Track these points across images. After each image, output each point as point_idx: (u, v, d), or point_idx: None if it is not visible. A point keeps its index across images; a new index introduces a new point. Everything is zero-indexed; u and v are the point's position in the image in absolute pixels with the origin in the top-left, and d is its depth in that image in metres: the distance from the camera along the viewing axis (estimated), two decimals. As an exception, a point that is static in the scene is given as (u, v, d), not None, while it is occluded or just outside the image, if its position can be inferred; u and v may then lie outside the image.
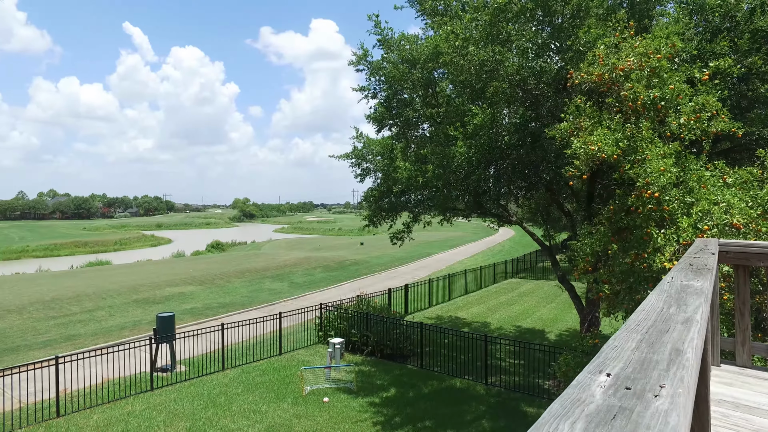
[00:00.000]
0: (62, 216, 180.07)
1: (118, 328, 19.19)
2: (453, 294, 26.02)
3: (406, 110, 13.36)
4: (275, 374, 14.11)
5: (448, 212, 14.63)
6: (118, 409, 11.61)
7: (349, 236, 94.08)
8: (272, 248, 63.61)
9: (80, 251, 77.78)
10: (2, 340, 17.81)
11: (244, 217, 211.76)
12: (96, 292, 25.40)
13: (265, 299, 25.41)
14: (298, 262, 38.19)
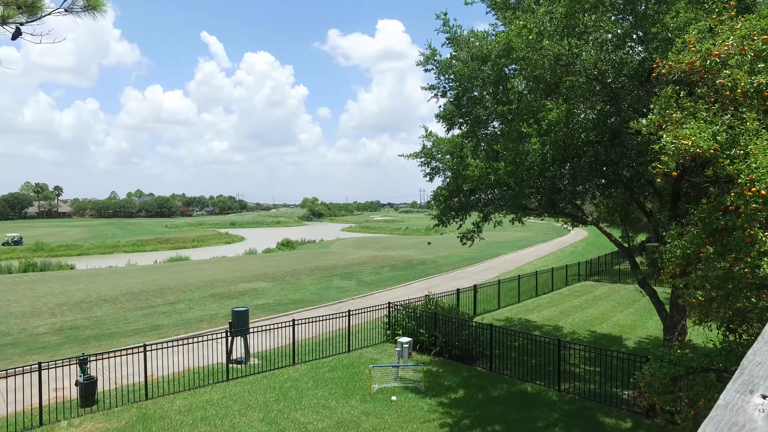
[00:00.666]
0: (147, 214, 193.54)
1: (196, 321, 20.29)
2: (523, 296, 25.28)
3: (476, 108, 13.08)
4: (344, 371, 14.31)
5: (519, 211, 14.18)
6: (198, 397, 12.25)
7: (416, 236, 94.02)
8: (340, 247, 64.85)
9: (162, 247, 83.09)
10: (100, 326, 19.38)
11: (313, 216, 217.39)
12: (177, 285, 27.04)
13: (334, 297, 25.91)
14: (365, 261, 38.66)
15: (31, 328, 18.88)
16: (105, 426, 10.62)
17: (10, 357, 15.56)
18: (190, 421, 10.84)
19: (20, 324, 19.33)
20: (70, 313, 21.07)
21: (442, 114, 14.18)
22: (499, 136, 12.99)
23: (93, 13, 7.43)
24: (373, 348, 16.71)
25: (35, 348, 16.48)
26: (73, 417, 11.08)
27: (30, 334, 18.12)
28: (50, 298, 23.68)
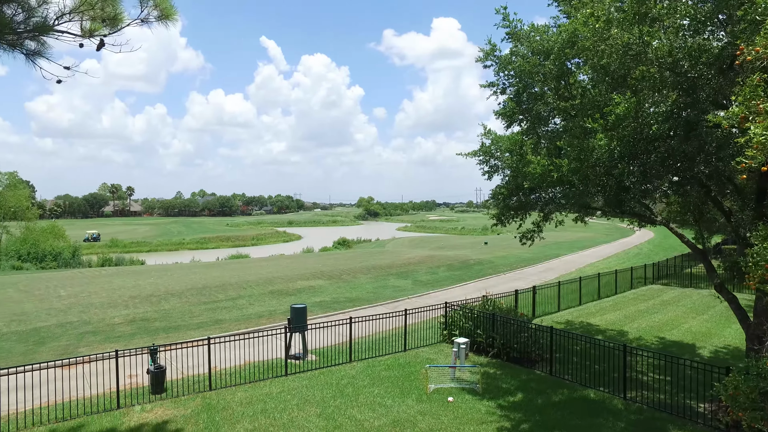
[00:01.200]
0: (210, 213, 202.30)
1: (256, 316, 20.91)
2: (584, 299, 24.29)
3: (537, 104, 12.65)
4: (400, 370, 14.28)
5: (582, 210, 13.60)
6: (258, 390, 12.60)
7: (472, 235, 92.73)
8: (396, 246, 65.00)
9: (224, 245, 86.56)
10: (168, 318, 20.38)
11: (369, 216, 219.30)
12: (238, 282, 28.00)
13: (390, 296, 25.96)
14: (421, 260, 38.51)
15: (108, 318, 20.14)
16: (173, 413, 11.13)
17: (91, 344, 16.67)
18: (250, 413, 11.16)
19: (99, 314, 20.67)
20: (141, 306, 22.31)
21: (502, 111, 13.83)
22: (562, 132, 12.49)
23: (165, 22, 7.80)
24: (429, 348, 16.57)
25: (112, 337, 17.56)
26: (145, 402, 11.69)
27: (107, 323, 19.34)
28: (124, 291, 25.18)
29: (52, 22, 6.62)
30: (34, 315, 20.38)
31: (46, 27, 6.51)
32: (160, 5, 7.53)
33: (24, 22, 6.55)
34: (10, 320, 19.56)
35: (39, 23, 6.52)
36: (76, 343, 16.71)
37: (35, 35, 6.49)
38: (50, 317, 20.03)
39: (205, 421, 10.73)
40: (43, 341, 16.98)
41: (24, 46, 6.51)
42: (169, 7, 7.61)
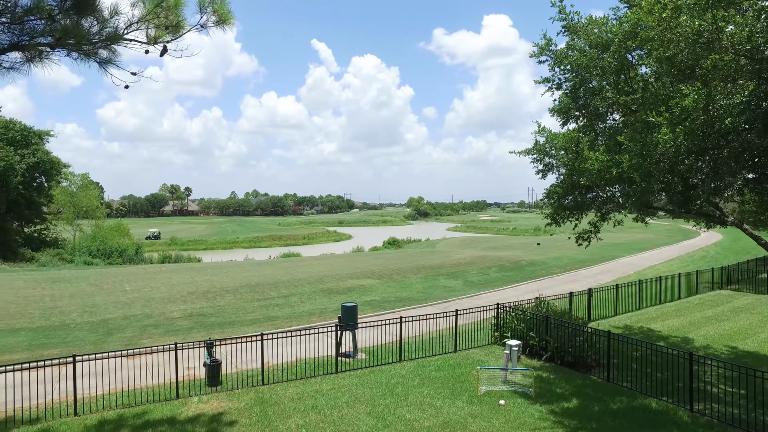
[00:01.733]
0: (262, 213, 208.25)
1: (307, 314, 21.26)
2: (644, 303, 23.16)
3: (595, 100, 12.14)
4: (450, 371, 14.10)
5: (643, 210, 12.94)
6: (308, 386, 12.77)
7: (524, 236, 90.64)
8: (446, 246, 64.46)
9: (276, 244, 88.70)
10: (222, 314, 21.10)
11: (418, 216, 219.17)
12: (289, 280, 28.60)
13: (440, 296, 25.77)
14: (472, 261, 38.01)
15: (168, 312, 21.08)
16: (228, 405, 11.46)
17: (153, 336, 17.50)
18: (302, 409, 11.32)
19: (160, 308, 21.67)
20: (198, 301, 23.19)
21: (557, 108, 13.38)
22: (622, 127, 11.93)
23: (223, 27, 8.05)
24: (480, 349, 16.28)
25: (171, 330, 18.35)
26: (202, 394, 12.11)
27: (167, 317, 20.24)
28: (182, 287, 26.28)
29: (122, 32, 6.96)
30: (102, 307, 21.63)
31: (117, 36, 6.86)
32: (218, 11, 7.76)
33: (98, 32, 6.92)
34: (83, 311, 20.86)
35: (111, 33, 6.87)
36: (140, 335, 17.59)
37: (107, 44, 6.85)
38: (117, 310, 21.20)
39: (258, 415, 10.98)
40: (110, 332, 17.98)
41: (97, 55, 6.88)
42: (226, 12, 7.83)
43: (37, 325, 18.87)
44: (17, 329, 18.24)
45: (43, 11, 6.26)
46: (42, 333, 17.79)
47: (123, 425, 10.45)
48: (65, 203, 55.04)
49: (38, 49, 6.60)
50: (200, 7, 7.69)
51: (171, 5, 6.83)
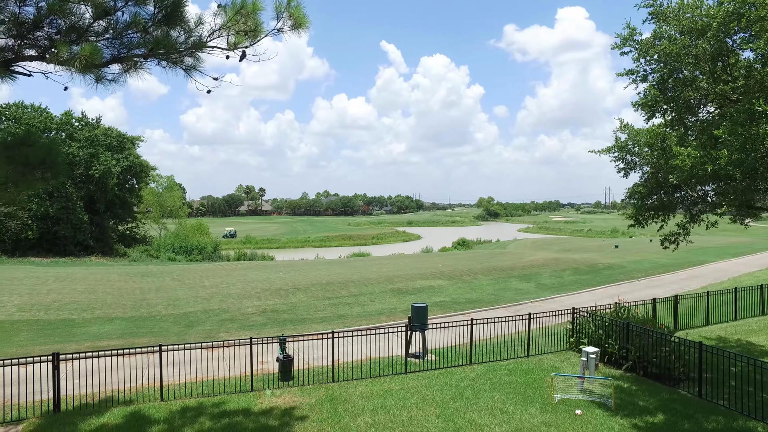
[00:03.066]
0: (333, 212, 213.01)
1: (377, 313, 21.39)
2: (741, 313, 21.21)
3: (686, 91, 11.21)
4: (522, 376, 13.62)
5: (743, 210, 11.80)
6: (378, 385, 12.80)
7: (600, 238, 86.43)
8: (517, 247, 62.77)
9: (346, 243, 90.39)
10: (294, 311, 21.72)
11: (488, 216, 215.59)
12: (359, 279, 28.94)
13: (511, 299, 25.06)
14: (545, 263, 36.71)
15: (243, 308, 22.02)
16: (299, 400, 11.74)
17: (229, 330, 18.33)
18: (371, 408, 11.36)
19: (235, 304, 22.69)
20: (272, 298, 24.04)
21: (642, 101, 12.50)
22: (718, 120, 10.93)
23: (298, 31, 8.22)
24: (554, 355, 15.61)
25: (246, 325, 19.14)
26: (275, 388, 12.49)
27: (242, 312, 21.15)
28: (256, 284, 27.37)
29: (205, 40, 7.30)
30: (184, 301, 22.99)
31: (201, 44, 7.20)
32: (294, 15, 7.93)
33: (184, 41, 7.31)
34: (167, 304, 22.29)
35: (195, 41, 7.22)
36: (217, 329, 18.49)
37: (192, 52, 7.21)
38: (197, 304, 22.44)
39: (328, 411, 11.14)
40: (191, 325, 19.05)
41: (183, 63, 7.26)
42: (301, 16, 7.99)
43: (129, 315, 20.39)
44: (113, 318, 19.82)
45: (139, 25, 6.68)
46: (133, 322, 19.20)
47: (203, 413, 10.99)
48: (153, 203, 59.41)
49: (134, 60, 7.06)
50: (277, 12, 7.89)
51: (249, 11, 7.06)
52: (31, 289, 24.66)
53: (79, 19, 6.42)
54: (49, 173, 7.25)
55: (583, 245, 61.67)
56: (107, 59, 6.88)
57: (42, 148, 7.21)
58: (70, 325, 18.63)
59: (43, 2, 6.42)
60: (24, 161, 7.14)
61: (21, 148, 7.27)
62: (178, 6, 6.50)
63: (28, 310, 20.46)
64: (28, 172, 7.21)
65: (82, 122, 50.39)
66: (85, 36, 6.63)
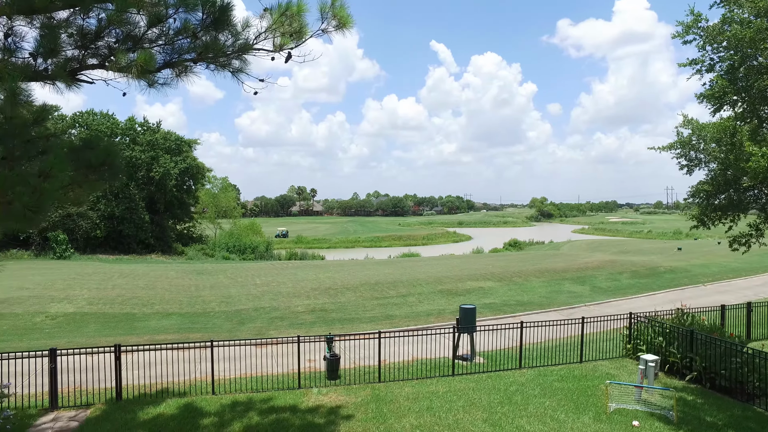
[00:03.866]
0: (383, 213, 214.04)
1: (425, 314, 21.23)
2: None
3: (760, 79, 10.37)
4: (574, 382, 13.09)
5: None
6: (424, 387, 12.66)
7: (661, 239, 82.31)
8: (571, 249, 60.78)
9: (396, 244, 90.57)
10: (343, 310, 21.92)
11: (542, 217, 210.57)
12: (408, 279, 28.85)
13: (564, 302, 24.23)
14: (600, 265, 35.28)
15: (293, 306, 22.45)
16: (345, 399, 11.78)
17: (279, 328, 18.72)
18: (416, 409, 11.24)
19: (285, 302, 23.17)
20: (321, 297, 24.37)
21: (708, 93, 11.68)
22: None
23: (343, 31, 8.25)
24: (609, 362, 14.92)
25: (296, 323, 19.48)
26: (322, 386, 12.61)
27: (292, 311, 21.55)
28: (306, 283, 27.84)
29: (252, 42, 7.45)
30: (236, 298, 23.72)
31: (248, 46, 7.35)
32: (338, 15, 7.96)
33: (232, 45, 7.49)
34: (220, 301, 23.08)
35: (242, 44, 7.38)
36: (267, 326, 18.92)
37: (239, 55, 7.38)
38: (248, 301, 23.09)
39: (374, 411, 11.11)
40: (243, 321, 19.61)
41: (231, 66, 7.44)
42: (346, 16, 8.00)
43: (185, 311, 21.26)
44: (170, 313, 20.74)
45: (188, 30, 6.89)
46: (188, 318, 20.00)
47: (252, 408, 11.24)
48: (208, 203, 61.91)
49: (184, 64, 7.29)
50: (321, 13, 7.95)
51: (294, 12, 7.13)
52: (98, 284, 26.22)
53: (134, 28, 6.69)
54: (109, 174, 7.60)
55: (642, 247, 58.86)
56: (160, 65, 7.14)
57: (102, 151, 7.56)
58: (131, 319, 19.66)
59: (103, 14, 6.73)
60: (87, 163, 7.51)
61: (84, 152, 7.64)
62: (226, 10, 6.65)
63: (96, 304, 21.75)
64: (90, 173, 7.58)
65: (144, 127, 53.37)
66: (140, 43, 6.90)
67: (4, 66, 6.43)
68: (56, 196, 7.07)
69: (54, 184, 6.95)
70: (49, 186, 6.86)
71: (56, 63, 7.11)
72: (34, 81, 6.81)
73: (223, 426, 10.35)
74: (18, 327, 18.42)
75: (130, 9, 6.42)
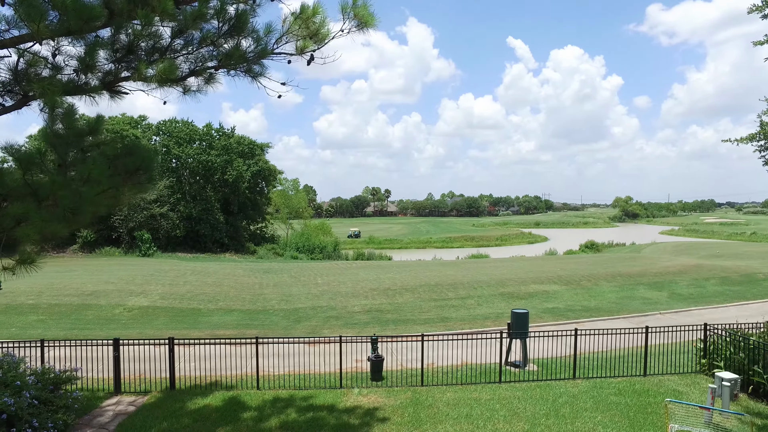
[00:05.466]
0: (457, 213, 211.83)
1: (482, 317, 20.67)
2: None
3: None
4: (634, 398, 12.12)
5: None
6: (467, 393, 12.30)
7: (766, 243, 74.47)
8: (654, 251, 56.71)
9: (468, 244, 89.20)
10: (399, 311, 21.88)
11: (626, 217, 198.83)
12: (470, 281, 28.24)
13: (636, 308, 22.60)
14: (684, 270, 32.55)
15: (350, 306, 22.73)
16: (384, 401, 11.72)
17: (333, 327, 19.03)
18: (454, 416, 10.95)
19: (343, 302, 23.51)
20: (378, 298, 24.47)
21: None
22: None
23: (366, 30, 8.20)
24: (679, 377, 13.66)
25: (350, 323, 19.71)
26: (364, 387, 12.64)
27: (348, 311, 21.83)
28: (366, 283, 28.08)
29: (271, 47, 7.63)
30: (296, 297, 24.42)
31: (266, 51, 7.54)
32: (359, 15, 7.93)
33: (253, 51, 7.72)
34: (281, 299, 23.88)
35: (261, 50, 7.58)
36: (322, 325, 19.29)
37: (258, 60, 7.58)
38: (307, 300, 23.69)
39: (410, 415, 10.96)
40: (299, 320, 20.15)
41: (252, 71, 7.66)
42: (366, 15, 7.96)
43: (246, 308, 22.23)
44: (232, 310, 21.78)
45: (208, 39, 7.18)
46: (248, 315, 20.89)
47: (291, 405, 11.51)
48: (280, 204, 64.55)
49: (208, 72, 7.61)
50: (342, 13, 7.97)
51: (309, 16, 7.20)
52: (172, 281, 28.12)
53: (159, 40, 7.07)
54: (145, 178, 8.09)
55: (739, 251, 53.55)
56: (186, 73, 7.49)
57: (139, 157, 8.05)
58: (196, 314, 20.88)
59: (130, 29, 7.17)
60: (125, 168, 8.04)
61: (125, 158, 8.18)
62: (240, 18, 6.84)
63: (167, 299, 23.33)
64: (128, 178, 8.10)
65: (219, 132, 56.70)
66: (166, 54, 7.28)
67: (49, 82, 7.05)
68: (95, 200, 7.62)
69: (93, 188, 7.50)
70: (88, 190, 7.42)
71: (98, 77, 7.70)
72: (75, 95, 7.41)
73: (261, 420, 10.68)
74: (100, 317, 20.20)
75: (155, 23, 6.79)
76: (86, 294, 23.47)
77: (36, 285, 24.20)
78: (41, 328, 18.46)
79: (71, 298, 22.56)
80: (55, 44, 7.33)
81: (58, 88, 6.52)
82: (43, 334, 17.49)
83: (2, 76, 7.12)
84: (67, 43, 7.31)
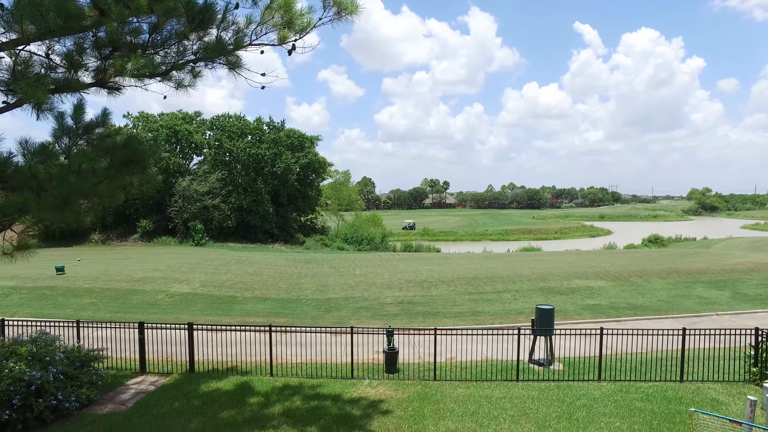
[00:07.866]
0: (518, 205, 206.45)
1: (515, 312, 19.99)
2: None
3: None
4: (663, 405, 11.22)
5: None
6: (479, 390, 11.92)
7: None
8: (725, 247, 52.58)
9: (525, 237, 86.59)
10: (431, 304, 21.61)
11: (703, 210, 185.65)
12: (509, 275, 27.38)
13: (689, 308, 20.99)
14: (755, 268, 29.89)
15: (382, 297, 22.70)
16: (392, 394, 11.60)
17: (361, 318, 19.08)
18: (460, 413, 10.64)
19: (376, 293, 23.52)
20: (413, 290, 24.27)
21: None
22: None
23: (348, 17, 8.04)
24: (723, 386, 12.49)
25: (379, 314, 19.68)
26: (376, 379, 12.58)
27: (380, 302, 21.81)
28: (402, 275, 27.94)
29: (246, 39, 7.63)
30: (331, 287, 24.70)
31: (241, 43, 7.56)
32: (339, 2, 7.78)
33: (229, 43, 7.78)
34: (315, 289, 24.25)
35: (239, 41, 7.61)
36: (350, 315, 19.39)
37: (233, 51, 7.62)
38: (341, 291, 23.90)
39: (414, 409, 10.77)
40: (330, 310, 20.36)
41: (228, 62, 7.72)
42: (347, 2, 7.79)
43: (280, 297, 22.76)
44: (266, 298, 22.37)
45: (180, 35, 7.30)
46: (281, 304, 21.37)
47: (298, 392, 11.66)
48: (331, 196, 65.54)
49: (189, 65, 7.75)
50: (323, 2, 7.85)
51: (281, 4, 7.13)
52: (215, 269, 29.30)
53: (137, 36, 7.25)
54: (136, 169, 8.38)
55: (829, 248, 48.48)
56: (168, 68, 7.65)
57: (131, 150, 8.35)
58: (232, 302, 21.63)
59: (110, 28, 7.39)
60: (118, 160, 8.36)
61: (121, 150, 8.50)
62: (207, 11, 6.87)
63: (207, 286, 24.35)
64: (121, 169, 8.42)
65: (270, 126, 58.24)
66: (147, 50, 7.47)
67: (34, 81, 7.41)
68: (89, 191, 7.97)
69: (86, 179, 7.84)
70: (77, 180, 7.76)
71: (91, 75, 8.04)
72: (65, 92, 7.76)
73: (266, 406, 10.89)
74: (144, 302, 21.42)
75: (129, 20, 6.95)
76: (135, 280, 24.97)
77: (94, 271, 26.05)
78: (91, 310, 19.83)
79: (121, 284, 24.09)
80: (48, 44, 7.70)
81: (43, 86, 6.83)
82: (92, 315, 18.81)
83: (2, 76, 7.57)
84: (57, 44, 7.66)
